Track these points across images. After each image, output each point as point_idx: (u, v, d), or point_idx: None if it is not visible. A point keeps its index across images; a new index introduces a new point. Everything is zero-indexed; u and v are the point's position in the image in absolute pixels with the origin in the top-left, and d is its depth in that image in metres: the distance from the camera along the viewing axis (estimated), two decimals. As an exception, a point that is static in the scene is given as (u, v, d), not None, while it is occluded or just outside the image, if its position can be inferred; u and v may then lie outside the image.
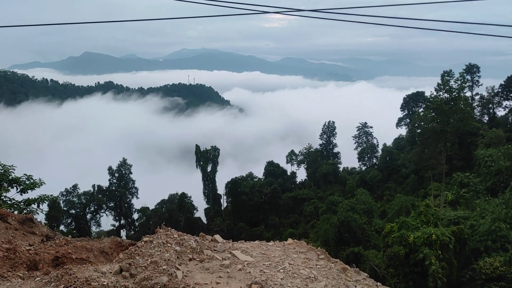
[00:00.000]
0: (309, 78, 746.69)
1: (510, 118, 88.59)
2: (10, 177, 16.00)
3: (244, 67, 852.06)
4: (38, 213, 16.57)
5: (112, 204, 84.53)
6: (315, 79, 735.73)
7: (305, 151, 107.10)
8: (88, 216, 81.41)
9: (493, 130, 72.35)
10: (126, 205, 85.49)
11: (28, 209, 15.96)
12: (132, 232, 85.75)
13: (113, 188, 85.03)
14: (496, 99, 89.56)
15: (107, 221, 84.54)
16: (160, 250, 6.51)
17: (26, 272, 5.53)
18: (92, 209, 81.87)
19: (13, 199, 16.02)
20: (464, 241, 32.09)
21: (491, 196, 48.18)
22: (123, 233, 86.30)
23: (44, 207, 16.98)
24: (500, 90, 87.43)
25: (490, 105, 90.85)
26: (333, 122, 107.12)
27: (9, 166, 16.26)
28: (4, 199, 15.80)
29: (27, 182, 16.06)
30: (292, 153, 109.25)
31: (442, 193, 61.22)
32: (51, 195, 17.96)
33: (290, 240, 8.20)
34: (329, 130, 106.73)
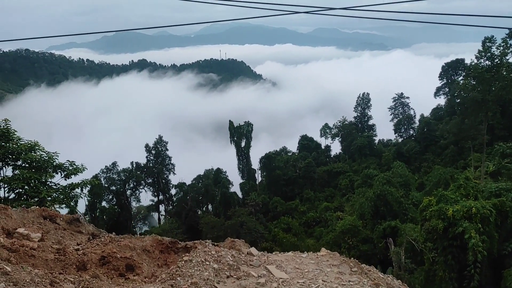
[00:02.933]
0: (342, 49, 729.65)
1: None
2: (54, 164, 16.67)
3: (275, 40, 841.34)
4: (82, 197, 17.31)
5: (150, 180, 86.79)
6: (349, 50, 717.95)
7: (339, 124, 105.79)
8: (128, 192, 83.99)
9: (538, 97, 68.80)
10: (163, 181, 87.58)
11: (72, 193, 16.63)
12: (170, 207, 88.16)
13: (151, 164, 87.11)
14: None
15: (146, 197, 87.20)
16: (199, 269, 6.69)
17: (76, 276, 5.78)
18: (132, 185, 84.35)
19: (58, 184, 16.72)
20: (506, 214, 31.12)
21: (536, 167, 46.37)
22: (161, 207, 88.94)
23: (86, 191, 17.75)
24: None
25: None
26: (368, 94, 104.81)
27: (53, 153, 16.91)
28: (50, 184, 16.52)
29: (70, 168, 16.70)
30: (326, 126, 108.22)
31: (483, 164, 59.26)
32: (93, 179, 18.62)
33: (323, 251, 8.23)
34: (363, 102, 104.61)
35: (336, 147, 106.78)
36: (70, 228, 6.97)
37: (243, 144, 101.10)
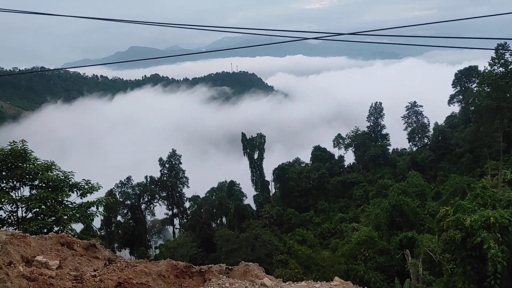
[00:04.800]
0: (354, 58, 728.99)
1: None
2: (70, 183, 16.95)
3: (286, 51, 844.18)
4: (97, 215, 17.53)
5: (164, 194, 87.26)
6: (360, 59, 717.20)
7: (352, 134, 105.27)
8: (143, 206, 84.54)
9: (555, 103, 67.66)
10: (177, 194, 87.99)
11: (88, 211, 16.85)
12: (185, 220, 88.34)
13: (165, 178, 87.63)
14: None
15: (160, 211, 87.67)
16: None
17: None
18: (146, 199, 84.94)
19: (74, 203, 16.98)
20: (526, 223, 30.54)
21: (555, 174, 45.43)
22: (176, 221, 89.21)
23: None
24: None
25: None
26: (380, 103, 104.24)
27: (69, 172, 17.20)
28: (66, 203, 16.78)
29: (86, 187, 16.95)
30: (339, 136, 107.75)
31: (500, 172, 58.31)
32: (108, 197, 18.86)
33: (337, 280, 8.15)
34: (376, 112, 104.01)
35: (349, 158, 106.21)
36: (87, 254, 7.05)
37: (256, 156, 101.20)
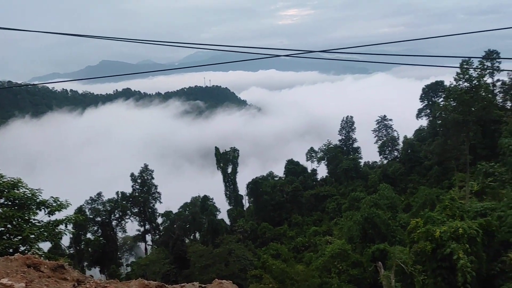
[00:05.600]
0: (325, 73, 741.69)
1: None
2: (37, 200, 16.39)
3: (259, 66, 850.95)
4: (66, 234, 16.99)
5: (136, 210, 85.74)
6: (331, 74, 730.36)
7: (324, 147, 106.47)
8: (114, 223, 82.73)
9: (517, 117, 70.56)
10: (149, 210, 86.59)
11: (56, 230, 16.35)
12: (157, 236, 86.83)
13: (136, 194, 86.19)
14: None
15: (132, 227, 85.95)
16: None
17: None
18: (117, 215, 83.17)
19: (42, 221, 16.44)
20: (492, 233, 31.38)
21: (518, 185, 47.04)
22: (148, 237, 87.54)
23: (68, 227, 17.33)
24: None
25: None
26: (351, 117, 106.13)
27: (36, 189, 16.66)
28: (33, 221, 16.24)
29: (54, 204, 16.44)
30: (311, 150, 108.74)
31: (467, 183, 60.05)
32: (77, 215, 18.38)
33: None
34: (347, 125, 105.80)
35: (322, 171, 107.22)
36: (54, 276, 6.82)
37: (229, 170, 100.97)
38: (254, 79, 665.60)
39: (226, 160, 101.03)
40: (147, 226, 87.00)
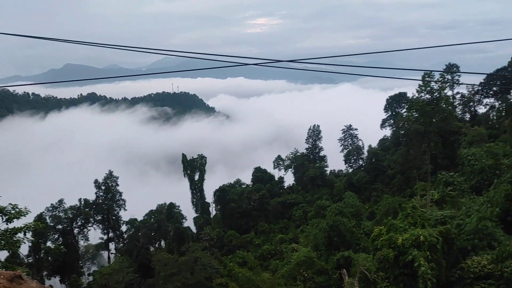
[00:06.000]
0: (293, 82, 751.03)
1: (491, 116, 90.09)
2: None
3: (227, 73, 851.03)
4: (24, 242, 16.38)
5: (99, 218, 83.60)
6: (299, 83, 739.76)
7: (291, 155, 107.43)
8: (75, 230, 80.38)
9: (475, 128, 73.48)
10: (113, 217, 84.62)
11: (15, 238, 15.76)
12: (121, 244, 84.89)
13: (100, 201, 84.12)
14: (477, 97, 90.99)
15: (95, 235, 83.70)
16: None
17: None
18: (80, 223, 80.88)
19: None
20: (452, 241, 32.46)
21: (476, 195, 48.79)
22: (111, 245, 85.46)
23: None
24: (480, 88, 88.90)
25: (471, 103, 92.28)
26: (318, 126, 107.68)
27: None
28: None
29: (12, 212, 15.84)
30: (279, 158, 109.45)
31: (428, 192, 61.93)
32: (37, 223, 17.75)
33: None
34: (314, 134, 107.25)
35: (289, 179, 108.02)
36: (11, 286, 6.59)
37: (196, 177, 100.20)
38: (222, 86, 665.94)
39: (193, 167, 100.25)
40: (111, 234, 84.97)
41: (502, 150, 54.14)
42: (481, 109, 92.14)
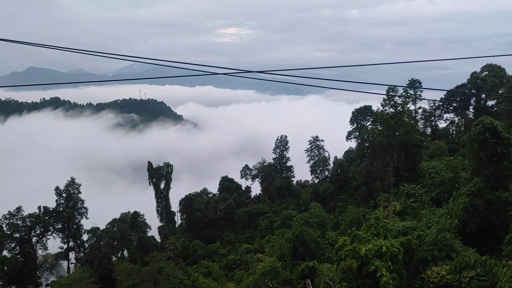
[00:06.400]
0: (262, 93, 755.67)
1: (450, 130, 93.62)
2: None
3: (196, 82, 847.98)
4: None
5: (60, 226, 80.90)
6: (267, 93, 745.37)
7: (259, 165, 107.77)
8: (34, 239, 77.35)
9: (435, 142, 76.08)
10: (74, 226, 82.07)
11: None
12: (82, 254, 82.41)
13: (61, 209, 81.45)
14: (438, 112, 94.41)
15: (54, 244, 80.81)
16: None
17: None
18: (38, 231, 77.93)
19: None
20: (412, 252, 33.30)
21: (436, 207, 50.31)
22: (72, 255, 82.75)
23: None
24: (441, 103, 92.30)
25: (432, 118, 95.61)
26: (286, 136, 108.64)
27: None
28: None
29: None
30: (246, 167, 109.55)
31: (391, 204, 63.40)
32: None
33: None
34: (282, 144, 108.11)
35: (256, 188, 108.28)
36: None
37: (162, 185, 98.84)
38: (191, 94, 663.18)
39: (159, 176, 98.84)
40: (71, 243, 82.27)
41: (461, 164, 56.14)
42: (442, 124, 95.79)
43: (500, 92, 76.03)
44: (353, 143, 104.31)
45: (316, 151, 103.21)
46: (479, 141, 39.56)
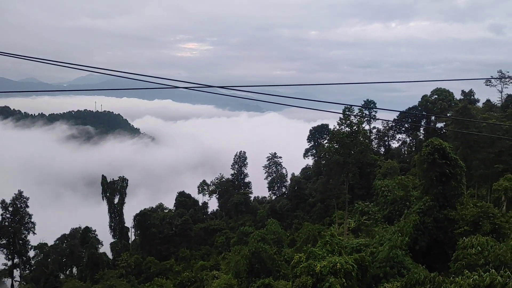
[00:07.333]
0: (221, 108, 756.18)
1: (402, 150, 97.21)
2: None
3: (155, 95, 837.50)
4: None
5: (4, 242, 76.80)
6: (227, 109, 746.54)
7: (217, 181, 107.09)
8: (-25, 256, 73.00)
9: (388, 162, 78.72)
10: (20, 242, 78.16)
11: None
12: (28, 271, 78.39)
13: (6, 223, 77.45)
14: (391, 132, 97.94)
15: (-2, 261, 76.58)
16: None
17: None
18: (-20, 248, 73.64)
19: None
20: (366, 268, 34.00)
21: (388, 224, 51.83)
22: (16, 272, 78.54)
23: None
24: (393, 124, 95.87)
25: (386, 138, 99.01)
26: (244, 152, 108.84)
27: None
28: None
29: None
30: (204, 183, 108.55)
31: (346, 221, 64.69)
32: None
33: None
34: (240, 160, 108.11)
35: (213, 204, 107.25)
36: None
37: (116, 200, 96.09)
38: (149, 107, 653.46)
39: (114, 190, 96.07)
40: (16, 260, 78.19)
41: (412, 182, 58.31)
42: (394, 144, 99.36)
43: (448, 115, 79.99)
44: (310, 161, 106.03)
45: (274, 167, 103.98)
46: (429, 161, 41.25)
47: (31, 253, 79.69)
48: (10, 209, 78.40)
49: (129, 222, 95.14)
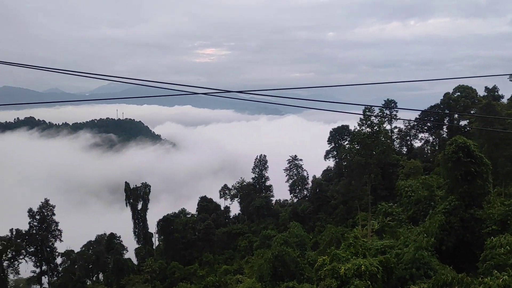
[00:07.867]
0: (240, 112, 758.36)
1: (425, 149, 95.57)
2: None
3: (175, 101, 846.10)
4: None
5: (32, 249, 78.50)
6: (246, 113, 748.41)
7: (238, 185, 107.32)
8: (5, 263, 74.77)
9: (411, 161, 77.51)
10: (48, 249, 79.78)
11: None
12: (55, 278, 79.92)
13: (34, 231, 79.19)
14: (413, 131, 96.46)
15: (26, 268, 78.27)
16: None
17: None
18: (10, 255, 75.40)
19: None
20: (391, 270, 33.49)
21: (413, 225, 51.01)
22: (44, 279, 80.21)
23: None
24: (415, 123, 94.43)
25: (408, 137, 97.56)
26: (264, 156, 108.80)
27: None
28: None
29: None
30: (225, 187, 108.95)
31: (369, 222, 63.87)
32: None
33: None
34: (260, 164, 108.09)
35: (235, 208, 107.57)
36: None
37: (140, 206, 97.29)
38: (169, 114, 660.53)
39: (137, 196, 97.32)
40: (44, 267, 79.80)
41: (436, 182, 57.21)
42: (417, 143, 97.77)
43: (472, 112, 78.35)
44: (331, 162, 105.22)
45: (295, 170, 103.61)
46: (453, 160, 40.45)
47: (59, 260, 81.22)
48: (37, 217, 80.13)
49: (152, 227, 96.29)
